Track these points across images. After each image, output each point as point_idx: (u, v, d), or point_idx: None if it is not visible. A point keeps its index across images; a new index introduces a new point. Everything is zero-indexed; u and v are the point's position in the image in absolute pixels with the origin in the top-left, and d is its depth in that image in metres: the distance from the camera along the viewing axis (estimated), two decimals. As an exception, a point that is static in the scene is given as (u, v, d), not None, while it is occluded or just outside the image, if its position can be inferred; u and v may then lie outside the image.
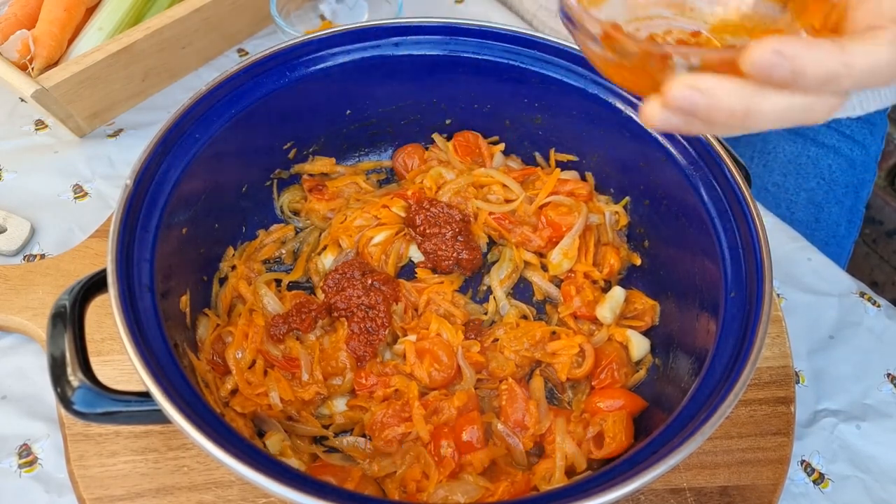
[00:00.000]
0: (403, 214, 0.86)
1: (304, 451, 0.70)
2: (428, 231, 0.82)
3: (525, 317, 0.82)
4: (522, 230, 0.85)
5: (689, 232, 0.74)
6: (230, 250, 0.83)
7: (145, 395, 0.55)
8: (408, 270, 0.87)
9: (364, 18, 1.09)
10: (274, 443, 0.68)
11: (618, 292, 0.82)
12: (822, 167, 1.16)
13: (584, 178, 0.90)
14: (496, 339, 0.78)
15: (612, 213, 0.86)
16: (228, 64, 1.11)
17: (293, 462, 0.67)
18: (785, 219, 1.11)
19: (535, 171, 0.90)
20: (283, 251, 0.86)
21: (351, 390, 0.74)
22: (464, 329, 0.78)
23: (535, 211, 0.86)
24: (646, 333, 0.80)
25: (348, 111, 0.88)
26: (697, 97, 0.40)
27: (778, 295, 0.90)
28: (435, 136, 0.93)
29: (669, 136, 0.76)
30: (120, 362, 0.76)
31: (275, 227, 0.87)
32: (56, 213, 0.93)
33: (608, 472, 0.55)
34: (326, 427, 0.72)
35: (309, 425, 0.71)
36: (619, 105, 0.80)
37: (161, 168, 0.68)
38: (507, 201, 0.88)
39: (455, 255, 0.82)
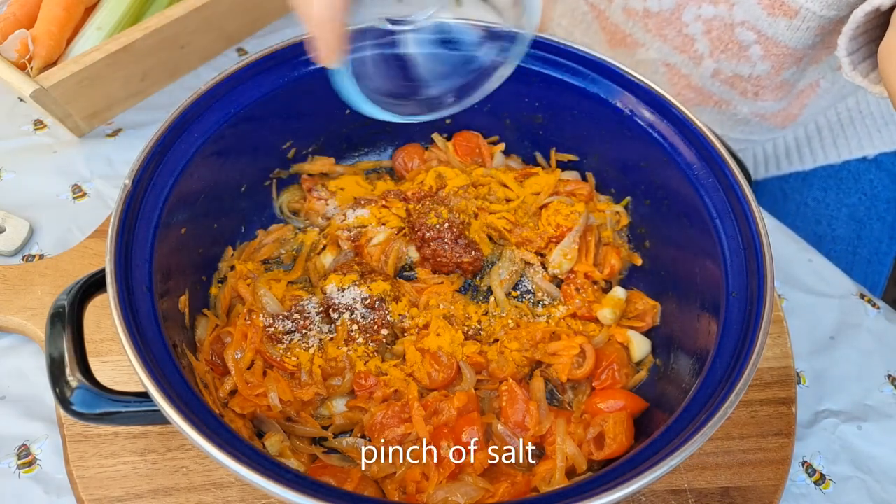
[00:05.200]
0: (403, 215, 0.85)
1: (303, 452, 0.70)
2: (427, 235, 0.82)
3: (525, 317, 0.82)
4: (523, 230, 0.85)
5: (691, 232, 0.74)
6: (229, 250, 0.83)
7: (144, 396, 0.55)
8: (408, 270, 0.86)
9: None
10: (273, 443, 0.68)
11: (619, 293, 0.82)
12: (864, 182, 1.12)
13: (584, 178, 0.90)
14: (496, 340, 0.78)
15: (612, 213, 0.86)
16: (228, 63, 1.10)
17: (292, 463, 0.67)
18: (826, 236, 1.07)
19: (535, 170, 0.90)
20: (283, 251, 0.86)
21: (350, 391, 0.73)
22: (464, 329, 0.78)
23: (536, 211, 0.86)
24: (647, 334, 0.80)
25: (348, 111, 0.87)
26: None
27: (779, 296, 0.90)
28: (435, 135, 0.93)
29: (670, 137, 0.76)
30: (119, 363, 0.76)
31: (274, 226, 0.87)
32: (55, 213, 0.92)
33: (609, 474, 0.55)
34: (326, 428, 0.72)
35: (308, 426, 0.71)
36: (620, 105, 0.79)
37: (160, 168, 0.68)
38: (507, 201, 0.88)
39: (456, 259, 0.82)
